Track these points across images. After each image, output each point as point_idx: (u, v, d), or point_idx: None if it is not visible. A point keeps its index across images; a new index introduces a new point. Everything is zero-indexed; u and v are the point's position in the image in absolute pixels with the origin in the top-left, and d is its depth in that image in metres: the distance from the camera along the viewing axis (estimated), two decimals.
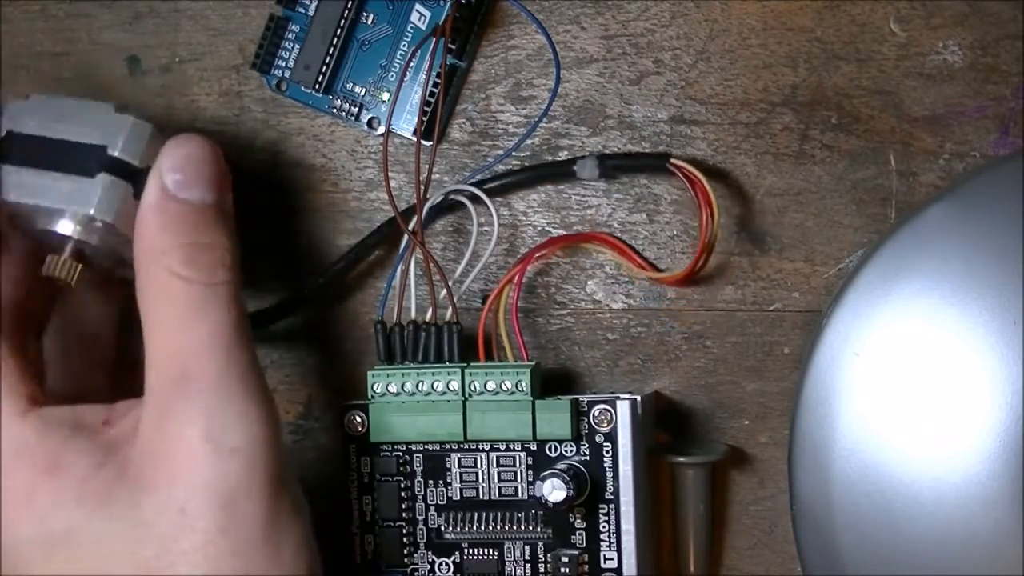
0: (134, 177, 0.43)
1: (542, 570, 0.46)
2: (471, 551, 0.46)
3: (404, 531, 0.47)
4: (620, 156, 0.48)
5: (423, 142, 0.48)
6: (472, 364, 0.46)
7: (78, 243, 0.43)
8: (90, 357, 0.47)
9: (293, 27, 0.49)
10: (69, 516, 0.39)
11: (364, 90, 0.49)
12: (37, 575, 0.39)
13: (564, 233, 0.49)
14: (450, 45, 0.47)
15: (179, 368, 0.40)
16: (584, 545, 0.46)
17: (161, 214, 0.42)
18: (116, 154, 0.43)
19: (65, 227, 0.43)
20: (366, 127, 0.50)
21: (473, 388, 0.45)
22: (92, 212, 0.42)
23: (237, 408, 0.40)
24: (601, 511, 0.45)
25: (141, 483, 0.40)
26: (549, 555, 0.46)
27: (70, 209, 0.43)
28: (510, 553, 0.46)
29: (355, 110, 0.49)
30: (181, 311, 0.41)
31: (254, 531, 0.39)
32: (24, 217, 0.44)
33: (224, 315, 0.41)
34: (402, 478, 0.47)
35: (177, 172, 0.42)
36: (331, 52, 0.49)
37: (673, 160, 0.47)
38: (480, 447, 0.46)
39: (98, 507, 0.39)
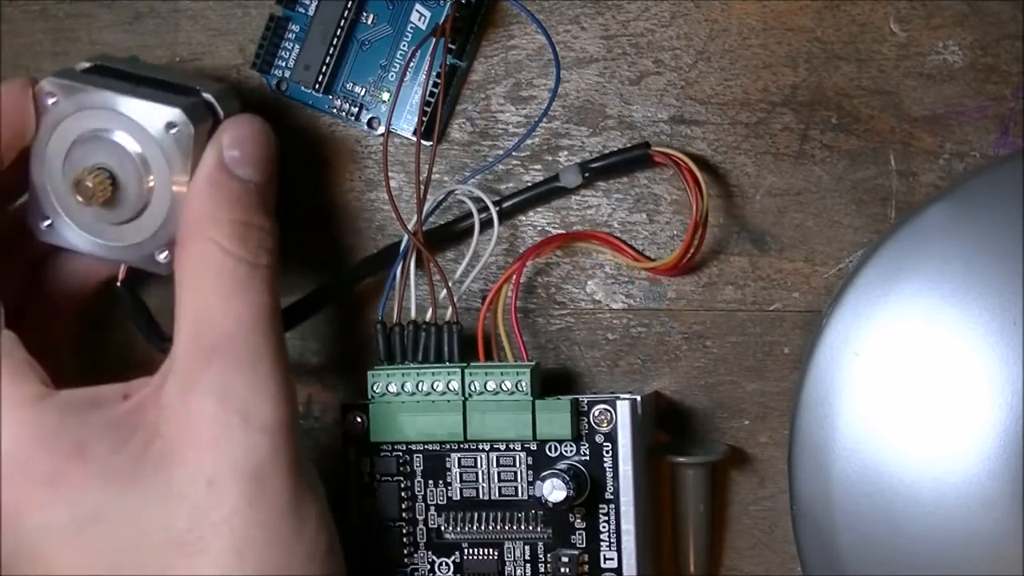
0: (214, 126, 0.44)
1: (542, 570, 0.46)
2: (471, 551, 0.46)
3: (404, 531, 0.47)
4: (601, 157, 0.48)
5: (423, 142, 0.48)
6: (472, 364, 0.46)
7: (129, 160, 0.43)
8: (62, 352, 0.47)
9: (293, 27, 0.49)
10: (98, 497, 0.40)
11: (364, 90, 0.49)
12: (70, 558, 0.40)
13: (561, 232, 0.49)
14: (450, 45, 0.47)
15: (212, 340, 0.41)
16: (584, 545, 0.46)
17: (215, 186, 0.43)
18: (208, 97, 0.44)
19: (124, 139, 0.43)
20: (366, 127, 0.50)
21: (473, 388, 0.45)
22: (178, 113, 0.43)
23: (269, 388, 0.41)
24: (601, 511, 0.45)
25: (169, 455, 0.40)
26: (549, 555, 0.46)
27: (154, 108, 0.43)
28: (510, 553, 0.46)
29: (355, 110, 0.49)
30: (223, 285, 0.41)
31: (280, 505, 0.40)
32: (79, 115, 0.43)
33: (264, 296, 0.42)
34: (402, 478, 0.47)
35: (235, 148, 0.43)
36: (331, 52, 0.49)
37: (653, 147, 0.47)
38: (480, 447, 0.46)
39: (128, 485, 0.40)
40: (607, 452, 0.45)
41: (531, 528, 0.46)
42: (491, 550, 0.46)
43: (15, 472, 0.40)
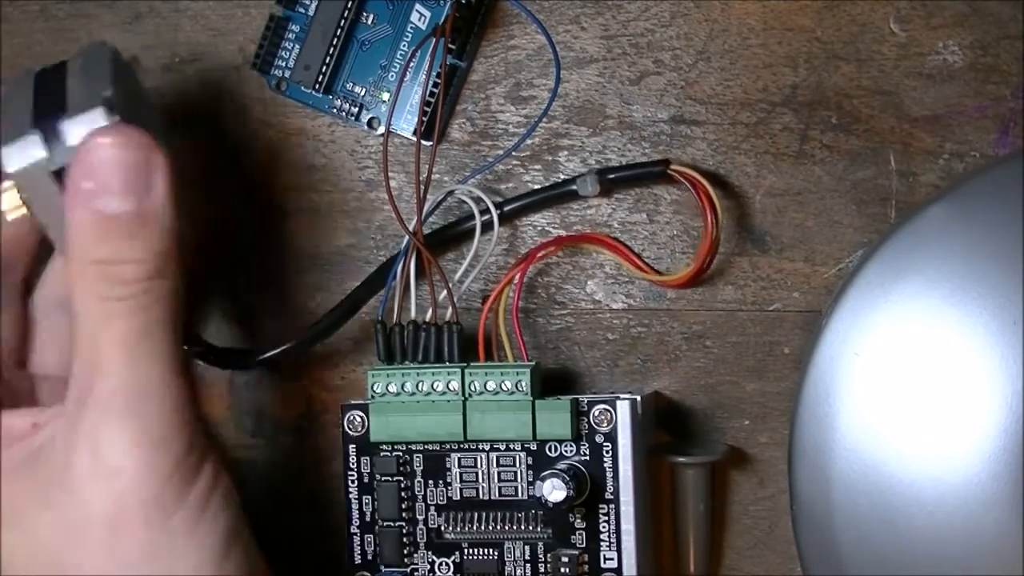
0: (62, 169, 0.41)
1: (542, 570, 0.46)
2: (471, 551, 0.46)
3: (404, 531, 0.47)
4: (619, 168, 0.48)
5: (423, 142, 0.48)
6: (472, 364, 0.46)
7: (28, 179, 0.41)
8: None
9: (293, 27, 0.49)
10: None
11: (364, 90, 0.49)
12: None
13: (565, 233, 0.49)
14: (450, 45, 0.47)
15: (85, 381, 0.40)
16: (584, 545, 0.46)
17: (73, 225, 0.40)
18: (64, 127, 0.40)
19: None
20: (366, 127, 0.50)
21: (473, 388, 0.45)
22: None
23: (130, 429, 0.39)
24: (601, 511, 0.45)
25: (45, 498, 0.40)
26: (549, 555, 0.46)
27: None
28: (510, 553, 0.46)
29: (355, 110, 0.49)
30: (94, 328, 0.40)
31: (136, 552, 0.40)
32: None
33: (139, 328, 0.39)
34: (402, 478, 0.47)
35: (88, 179, 0.39)
36: (331, 52, 0.49)
37: (673, 166, 0.47)
38: (480, 447, 0.46)
39: (12, 523, 0.40)
40: (607, 452, 0.45)
41: (531, 528, 0.46)
42: (491, 550, 0.46)
43: None
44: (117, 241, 0.39)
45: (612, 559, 0.45)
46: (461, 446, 0.46)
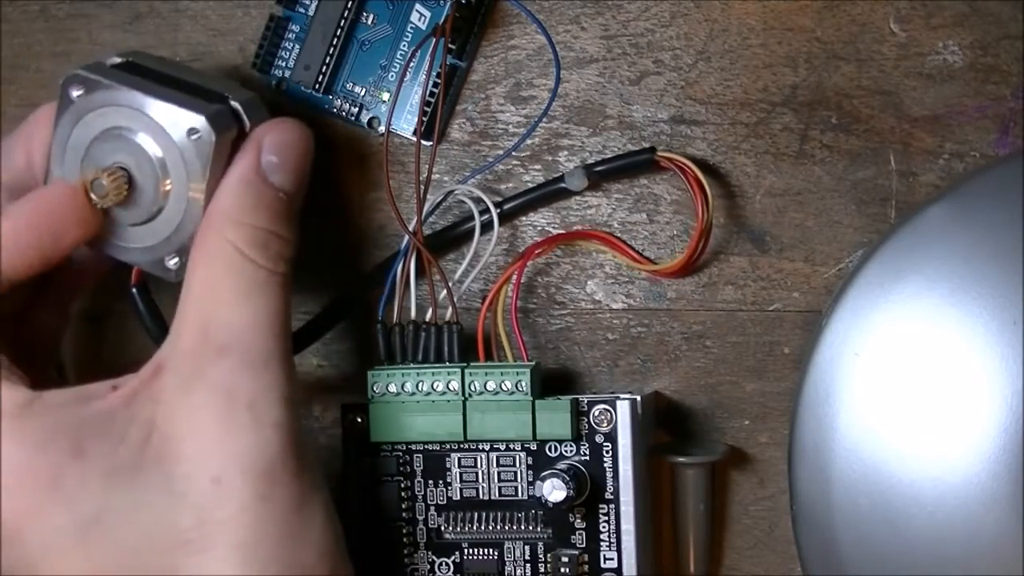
0: (239, 135, 0.43)
1: (542, 570, 0.46)
2: (471, 551, 0.46)
3: (404, 531, 0.47)
4: (606, 161, 0.48)
5: (423, 142, 0.48)
6: (472, 364, 0.46)
7: (148, 163, 0.42)
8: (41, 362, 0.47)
9: (293, 27, 0.49)
10: (99, 497, 0.39)
11: (364, 90, 0.49)
12: (73, 563, 0.39)
13: (562, 232, 0.49)
14: (450, 45, 0.47)
15: (223, 339, 0.40)
16: (584, 545, 0.46)
17: (246, 188, 0.42)
18: (235, 105, 0.43)
19: (145, 141, 0.42)
20: (366, 127, 0.50)
21: (473, 388, 0.45)
22: (202, 120, 0.42)
23: (279, 387, 0.41)
24: (601, 511, 0.45)
25: (168, 451, 0.39)
26: (549, 555, 0.46)
27: (179, 113, 0.42)
28: (510, 553, 0.46)
29: (355, 110, 0.49)
30: (238, 286, 0.41)
31: (289, 502, 0.40)
32: (103, 112, 0.43)
33: (278, 302, 0.42)
34: (402, 478, 0.47)
35: (275, 154, 0.43)
36: (331, 52, 0.49)
37: (660, 152, 0.47)
38: (480, 447, 0.46)
39: (128, 482, 0.39)
40: (607, 452, 0.45)
41: (531, 528, 0.46)
42: (491, 550, 0.46)
43: (15, 482, 0.39)
44: (277, 215, 0.42)
45: (612, 559, 0.45)
46: (461, 446, 0.46)
